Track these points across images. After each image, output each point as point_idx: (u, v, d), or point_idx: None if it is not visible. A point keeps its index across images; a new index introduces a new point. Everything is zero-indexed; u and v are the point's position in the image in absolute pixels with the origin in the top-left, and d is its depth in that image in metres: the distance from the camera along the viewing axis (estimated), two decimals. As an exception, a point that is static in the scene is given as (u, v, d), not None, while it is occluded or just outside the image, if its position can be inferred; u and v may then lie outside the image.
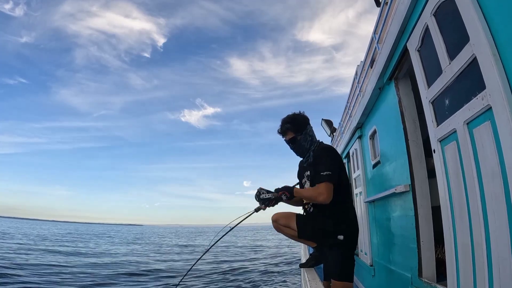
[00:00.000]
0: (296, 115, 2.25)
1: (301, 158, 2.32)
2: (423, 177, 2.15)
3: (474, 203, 1.30)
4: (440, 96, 1.57)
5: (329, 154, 2.10)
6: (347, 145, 4.67)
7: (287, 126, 2.21)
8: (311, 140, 2.20)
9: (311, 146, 2.19)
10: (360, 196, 3.92)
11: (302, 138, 2.18)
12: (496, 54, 1.09)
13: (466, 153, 1.34)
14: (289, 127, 2.21)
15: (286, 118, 2.25)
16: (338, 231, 2.02)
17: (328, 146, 2.22)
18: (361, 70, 3.67)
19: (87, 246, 20.43)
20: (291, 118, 2.23)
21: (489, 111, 1.15)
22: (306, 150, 2.20)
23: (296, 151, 2.27)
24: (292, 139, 2.21)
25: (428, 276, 1.97)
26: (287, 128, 2.21)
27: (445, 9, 1.44)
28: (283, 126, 2.24)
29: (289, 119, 2.23)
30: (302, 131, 2.18)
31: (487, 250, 1.22)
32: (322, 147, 2.18)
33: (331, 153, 2.12)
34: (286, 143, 2.26)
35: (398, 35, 2.03)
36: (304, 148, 2.20)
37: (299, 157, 2.31)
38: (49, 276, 8.90)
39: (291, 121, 2.21)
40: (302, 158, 2.31)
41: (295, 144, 2.22)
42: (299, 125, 2.20)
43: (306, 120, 2.24)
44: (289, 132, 2.22)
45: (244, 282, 9.21)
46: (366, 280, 3.62)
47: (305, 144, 2.19)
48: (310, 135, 2.21)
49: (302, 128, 2.19)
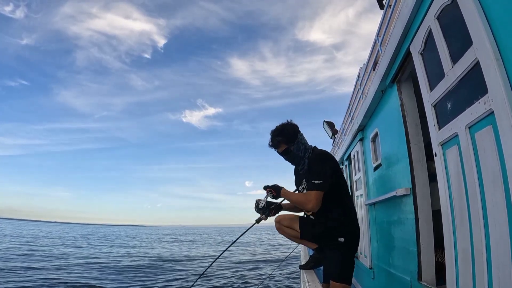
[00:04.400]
0: (285, 125, 2.22)
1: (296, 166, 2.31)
2: (424, 181, 2.14)
3: (474, 208, 1.30)
4: (442, 99, 1.57)
5: (322, 161, 2.09)
6: (348, 147, 4.66)
7: (278, 139, 2.18)
8: (304, 148, 2.18)
9: (305, 154, 2.17)
10: (361, 199, 3.92)
11: (295, 148, 2.16)
12: (499, 58, 1.09)
13: (468, 157, 1.34)
14: (280, 140, 2.18)
15: (275, 131, 2.21)
16: (339, 234, 2.02)
17: (322, 152, 2.19)
18: (364, 72, 3.66)
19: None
20: (280, 130, 2.20)
21: (491, 115, 1.15)
22: (301, 158, 2.18)
23: (292, 161, 2.25)
24: (285, 151, 2.19)
25: (428, 280, 1.97)
26: (278, 141, 2.19)
27: (448, 12, 1.44)
28: (273, 139, 2.21)
29: (279, 132, 2.20)
30: (294, 141, 2.16)
31: (487, 254, 1.22)
32: (316, 154, 2.16)
33: (324, 160, 2.10)
34: (280, 155, 2.24)
35: (401, 38, 2.03)
36: (299, 157, 2.18)
37: (295, 166, 2.30)
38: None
39: (281, 133, 2.19)
40: (297, 167, 2.29)
41: (289, 155, 2.20)
42: (290, 136, 2.17)
43: (296, 129, 2.21)
44: (281, 145, 2.19)
45: (244, 282, 9.20)
46: (366, 283, 3.61)
47: (299, 153, 2.17)
48: (302, 143, 2.18)
49: (294, 138, 2.16)
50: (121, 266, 11.54)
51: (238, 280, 9.55)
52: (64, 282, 8.00)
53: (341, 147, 5.29)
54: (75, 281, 8.23)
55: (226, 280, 9.50)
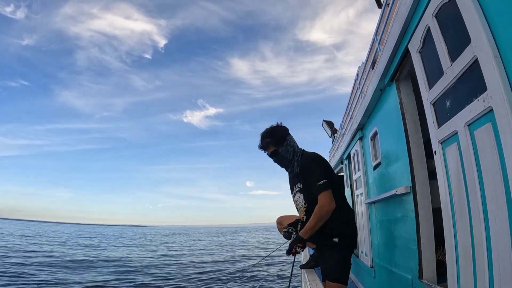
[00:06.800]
0: (275, 127, 2.23)
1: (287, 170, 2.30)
2: (424, 179, 2.15)
3: (474, 205, 1.30)
4: (441, 97, 1.57)
5: (318, 162, 2.09)
6: (348, 147, 4.66)
7: (267, 141, 2.20)
8: (293, 151, 2.18)
9: (294, 157, 2.17)
10: (360, 198, 3.92)
11: (283, 150, 2.16)
12: (498, 55, 1.09)
13: (467, 154, 1.34)
14: (269, 141, 2.19)
15: (264, 132, 2.23)
16: (334, 234, 2.02)
17: (314, 154, 2.20)
18: (362, 71, 3.66)
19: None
20: (269, 132, 2.21)
21: (490, 112, 1.15)
22: (289, 161, 2.18)
23: (280, 163, 2.25)
24: (273, 152, 2.19)
25: (429, 278, 1.97)
26: (267, 143, 2.20)
27: (446, 10, 1.44)
28: (263, 141, 2.22)
29: (268, 133, 2.21)
30: (283, 143, 2.16)
31: (488, 252, 1.22)
32: (308, 156, 2.16)
33: (319, 161, 2.11)
34: (269, 157, 2.25)
35: (400, 37, 2.03)
36: (287, 159, 2.18)
37: (284, 168, 2.29)
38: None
39: (270, 134, 2.20)
40: (287, 170, 2.29)
41: (277, 157, 2.20)
42: (279, 138, 2.18)
43: (286, 131, 2.22)
44: (270, 146, 2.20)
45: (243, 282, 9.20)
46: (367, 282, 3.61)
47: (287, 155, 2.17)
48: (291, 145, 2.18)
49: (283, 140, 2.17)
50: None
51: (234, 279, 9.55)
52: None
53: (341, 146, 5.30)
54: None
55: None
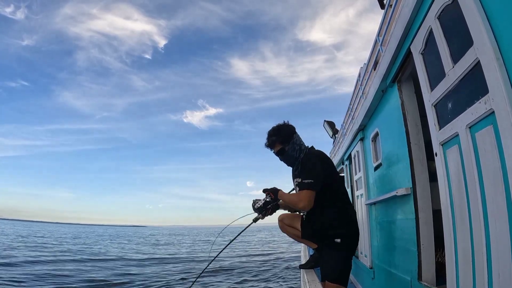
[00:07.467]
0: (281, 126, 2.24)
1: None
2: (425, 181, 2.15)
3: (475, 208, 1.30)
4: (443, 99, 1.57)
5: (313, 160, 2.08)
6: (349, 147, 4.66)
7: (273, 139, 2.21)
8: (299, 149, 2.18)
9: (300, 155, 2.17)
10: (361, 198, 3.92)
11: (290, 148, 2.17)
12: (500, 58, 1.09)
13: (468, 157, 1.34)
14: (275, 139, 2.20)
15: (271, 130, 2.24)
16: (335, 234, 2.02)
17: (315, 152, 2.19)
18: (364, 72, 3.66)
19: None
20: (276, 130, 2.22)
21: (491, 115, 1.15)
22: (295, 159, 2.19)
23: (286, 161, 2.25)
24: (280, 151, 2.20)
25: (428, 280, 1.97)
26: (273, 141, 2.21)
27: (449, 12, 1.44)
28: (269, 139, 2.23)
29: (274, 131, 2.22)
30: (289, 141, 2.17)
31: (487, 254, 1.22)
32: (309, 154, 2.16)
33: (316, 160, 2.09)
34: (276, 155, 2.26)
35: (402, 38, 2.03)
36: (294, 157, 2.18)
37: (290, 167, 2.30)
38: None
39: (277, 133, 2.21)
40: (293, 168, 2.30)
41: (284, 155, 2.21)
42: (285, 136, 2.18)
43: (292, 130, 2.23)
44: (276, 144, 2.21)
45: (242, 282, 9.21)
46: (366, 283, 3.61)
47: (294, 153, 2.17)
48: (297, 143, 2.19)
49: (289, 138, 2.18)
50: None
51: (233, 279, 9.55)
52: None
53: (342, 147, 5.29)
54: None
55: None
